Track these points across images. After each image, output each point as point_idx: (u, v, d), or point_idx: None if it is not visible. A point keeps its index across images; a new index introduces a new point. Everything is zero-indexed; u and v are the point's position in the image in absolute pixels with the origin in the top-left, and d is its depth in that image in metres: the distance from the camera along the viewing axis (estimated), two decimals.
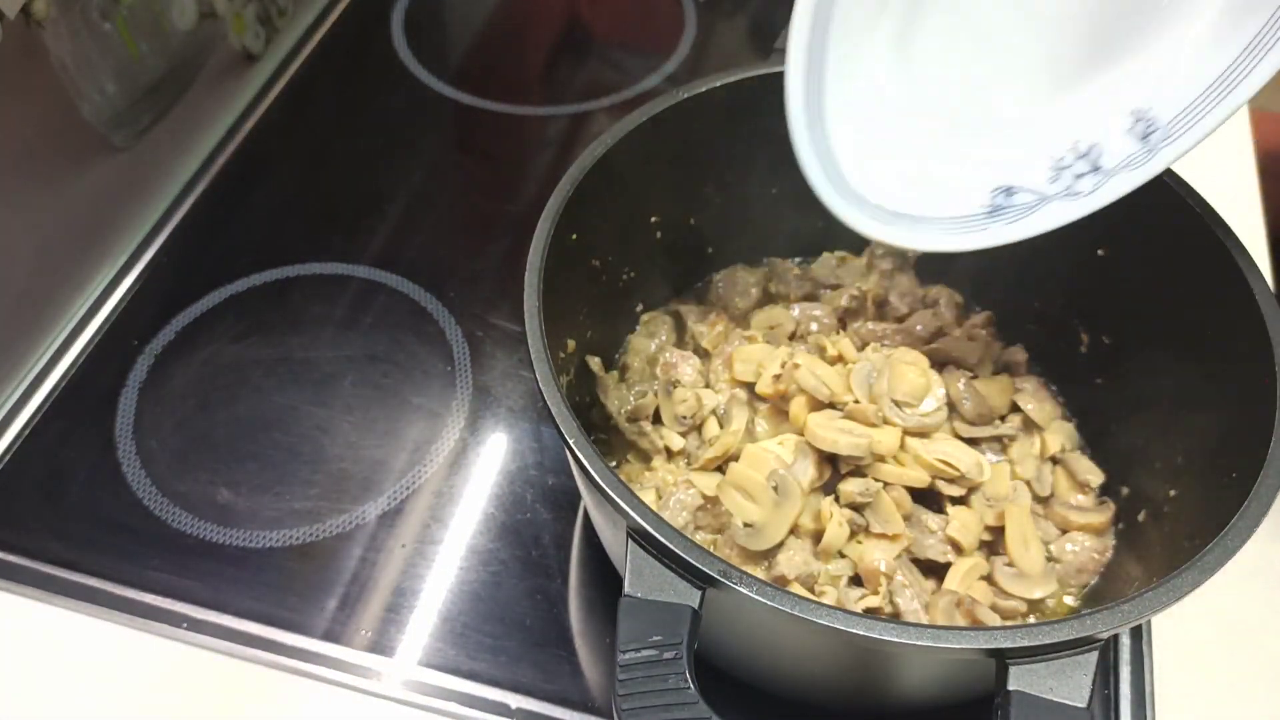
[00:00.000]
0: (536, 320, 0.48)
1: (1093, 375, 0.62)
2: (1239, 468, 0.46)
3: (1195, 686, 0.57)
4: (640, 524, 0.41)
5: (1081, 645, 0.39)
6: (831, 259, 0.68)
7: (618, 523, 0.43)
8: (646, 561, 0.41)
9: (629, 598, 0.41)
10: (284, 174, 0.84)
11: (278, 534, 0.62)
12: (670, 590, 0.41)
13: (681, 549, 0.40)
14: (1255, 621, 0.59)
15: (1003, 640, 0.39)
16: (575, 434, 0.44)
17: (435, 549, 0.62)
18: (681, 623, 0.40)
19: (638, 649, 0.39)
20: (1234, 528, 0.42)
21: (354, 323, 0.74)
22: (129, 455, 0.66)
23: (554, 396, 0.45)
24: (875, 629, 0.39)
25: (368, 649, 0.58)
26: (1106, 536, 0.57)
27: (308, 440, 0.67)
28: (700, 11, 0.98)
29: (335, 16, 0.97)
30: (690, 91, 0.58)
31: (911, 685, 0.50)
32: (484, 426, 0.68)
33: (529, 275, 0.49)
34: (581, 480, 0.46)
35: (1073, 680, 0.38)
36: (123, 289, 0.76)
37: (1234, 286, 0.50)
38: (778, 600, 0.39)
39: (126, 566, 0.61)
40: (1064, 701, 0.38)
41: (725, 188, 0.64)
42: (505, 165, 0.86)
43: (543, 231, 0.51)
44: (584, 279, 0.59)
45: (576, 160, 0.54)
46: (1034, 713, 0.38)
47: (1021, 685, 0.38)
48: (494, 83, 0.91)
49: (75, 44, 0.69)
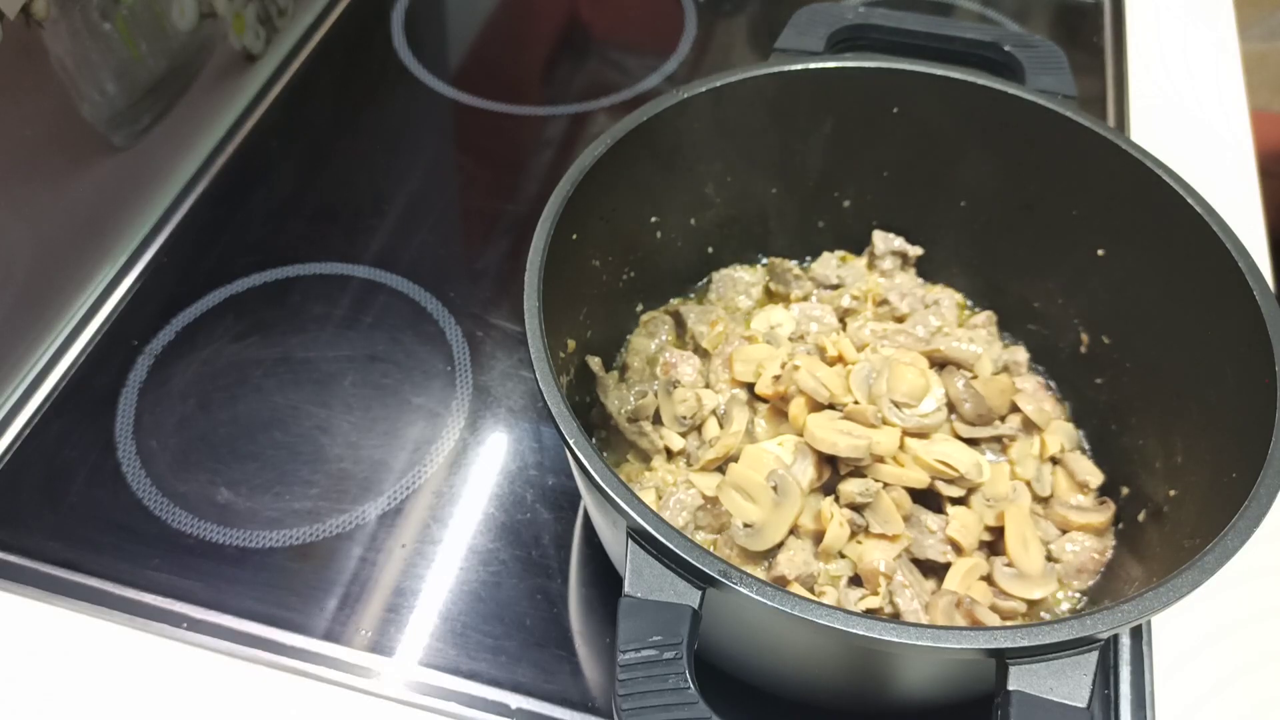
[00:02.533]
0: (536, 319, 0.48)
1: (1093, 375, 0.62)
2: (1239, 468, 0.46)
3: (1195, 686, 0.57)
4: (640, 524, 0.41)
5: (1081, 645, 0.39)
6: (832, 259, 0.68)
7: (617, 523, 0.43)
8: (646, 562, 0.41)
9: (629, 598, 0.41)
10: (284, 174, 0.84)
11: (278, 534, 0.62)
12: (670, 590, 0.41)
13: (681, 549, 0.40)
14: (1255, 621, 0.59)
15: (1003, 640, 0.39)
16: (576, 434, 0.44)
17: (435, 549, 0.62)
18: (681, 623, 0.40)
19: (638, 649, 0.39)
20: (1234, 528, 0.42)
21: (354, 323, 0.73)
22: (129, 455, 0.66)
23: (554, 396, 0.45)
24: (875, 629, 0.39)
25: (368, 649, 0.58)
26: (1106, 537, 0.57)
27: (308, 440, 0.67)
28: (700, 11, 0.98)
29: (335, 16, 0.97)
30: (690, 91, 0.58)
31: (911, 685, 0.50)
32: (484, 426, 0.68)
33: (529, 275, 0.49)
34: (582, 480, 0.47)
35: (1073, 680, 0.38)
36: (123, 289, 0.76)
37: (1233, 286, 0.50)
38: (778, 600, 0.39)
39: (126, 566, 0.61)
40: (1064, 701, 0.38)
41: (725, 187, 0.64)
42: (505, 165, 0.86)
43: (543, 231, 0.51)
44: (584, 279, 0.59)
45: (576, 160, 0.54)
46: (1034, 713, 0.38)
47: (1022, 685, 0.38)
48: (494, 83, 0.91)
49: (75, 44, 0.69)
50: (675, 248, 0.65)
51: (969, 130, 0.61)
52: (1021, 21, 0.97)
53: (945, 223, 0.66)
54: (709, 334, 0.64)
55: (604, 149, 0.54)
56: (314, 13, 0.96)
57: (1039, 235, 0.62)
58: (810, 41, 0.62)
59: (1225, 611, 0.59)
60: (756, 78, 0.59)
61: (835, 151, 0.64)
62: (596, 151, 0.54)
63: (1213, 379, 0.52)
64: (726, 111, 0.59)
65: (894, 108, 0.61)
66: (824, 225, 0.68)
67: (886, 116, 0.62)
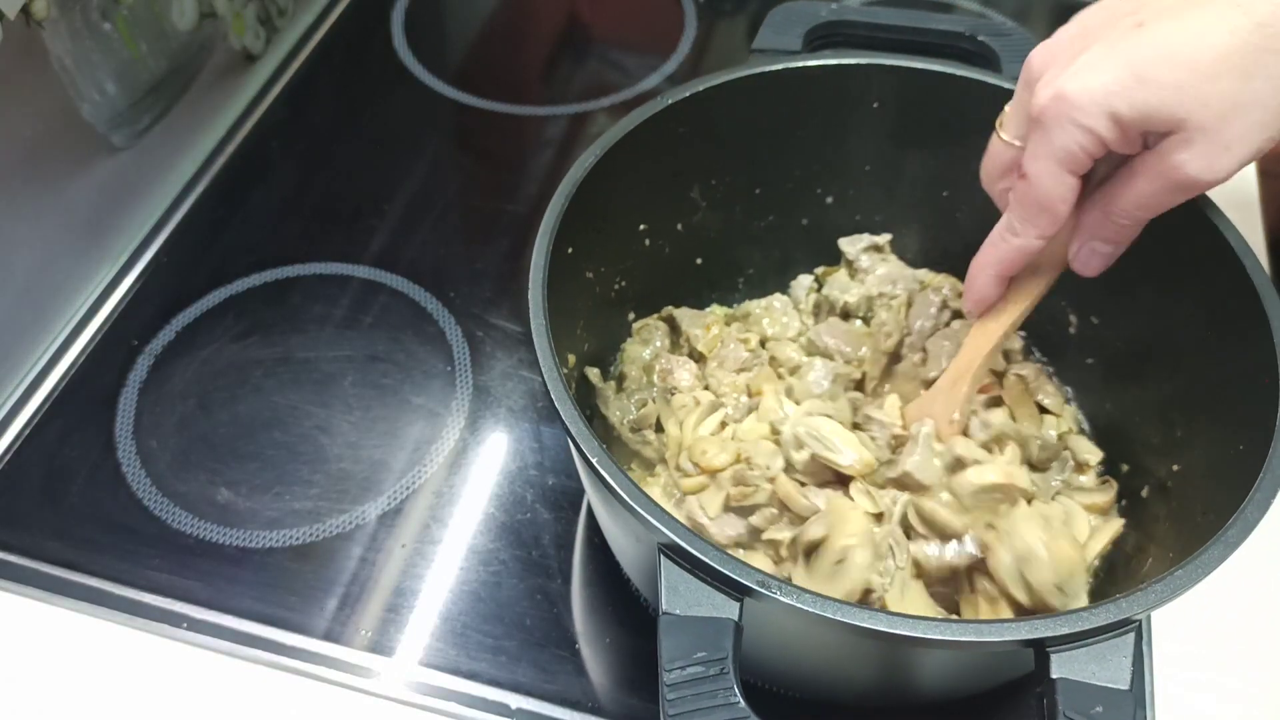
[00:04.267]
0: (545, 339, 0.47)
1: (1084, 356, 0.62)
2: (1244, 438, 0.46)
3: (1195, 685, 0.57)
4: (674, 540, 0.40)
5: (1118, 628, 0.39)
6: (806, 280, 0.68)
7: (642, 537, 0.42)
8: (681, 577, 0.41)
9: (668, 615, 0.40)
10: (284, 174, 0.84)
11: (278, 534, 0.62)
12: (708, 604, 0.40)
13: (718, 562, 0.40)
14: (1255, 620, 0.59)
15: (1043, 630, 0.39)
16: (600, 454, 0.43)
17: (435, 549, 0.62)
18: (724, 636, 0.39)
19: (683, 666, 0.38)
20: (1252, 500, 0.42)
21: (354, 323, 0.73)
22: (129, 455, 0.66)
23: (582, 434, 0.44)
24: (919, 628, 0.39)
25: (368, 649, 0.58)
26: (1111, 515, 0.57)
27: (308, 440, 0.67)
28: (700, 11, 0.98)
29: (335, 16, 0.97)
30: (674, 97, 0.58)
31: (938, 678, 0.51)
32: (484, 426, 0.68)
33: (532, 293, 0.49)
34: (607, 499, 0.45)
35: (1113, 663, 0.39)
36: (123, 289, 0.76)
37: (1219, 253, 0.51)
38: (819, 606, 0.39)
39: (126, 566, 0.61)
40: (1107, 685, 0.38)
41: (709, 190, 0.64)
42: (505, 165, 0.86)
43: (542, 246, 0.51)
44: (579, 292, 0.58)
45: (567, 174, 0.53)
46: (1080, 698, 0.38)
47: (1065, 672, 0.39)
48: (494, 83, 0.91)
49: (75, 44, 0.69)
50: (664, 255, 0.64)
51: (948, 120, 0.61)
52: (1021, 21, 0.96)
53: (928, 213, 0.66)
54: (704, 337, 0.63)
55: (594, 160, 0.54)
56: (314, 13, 0.96)
57: None
58: (787, 40, 0.62)
59: (1225, 611, 0.59)
60: (735, 80, 0.59)
61: (816, 149, 0.64)
62: (586, 163, 0.54)
63: (1205, 351, 0.52)
64: (708, 115, 0.59)
65: (874, 102, 0.62)
66: (808, 223, 0.68)
67: (867, 111, 0.62)
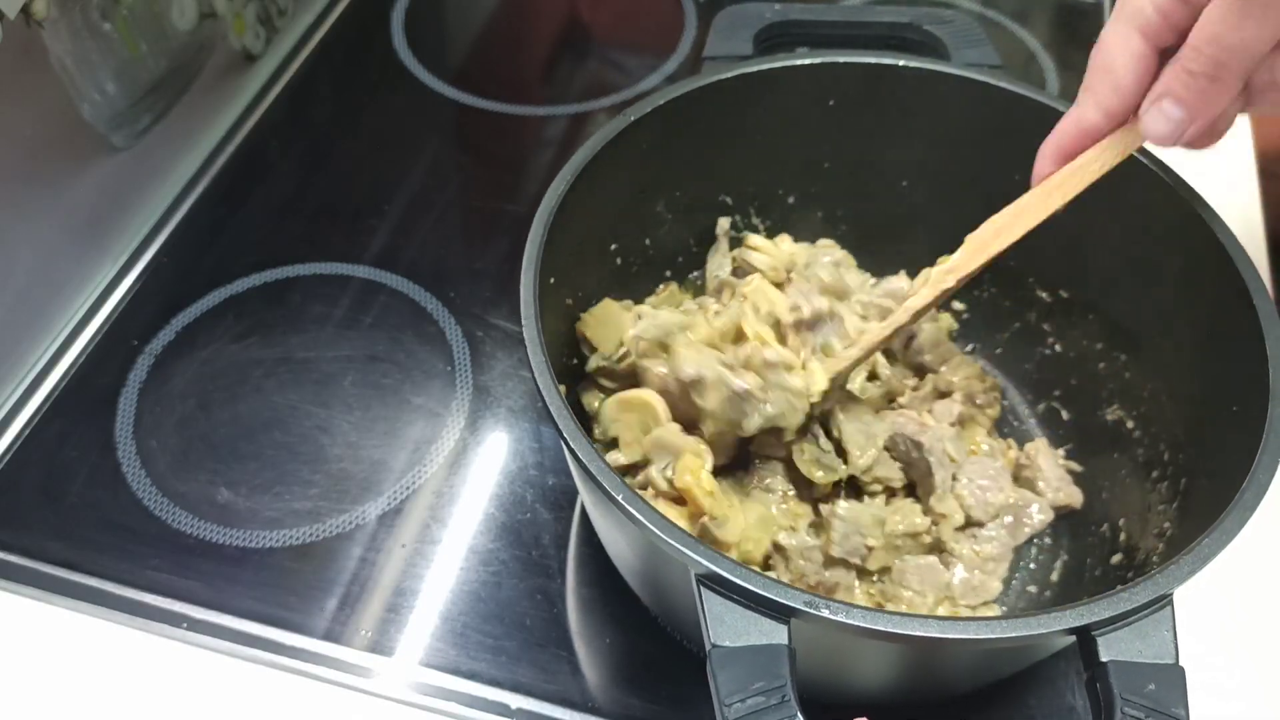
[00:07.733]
0: (548, 376, 0.47)
1: (1061, 330, 0.63)
2: (1239, 400, 0.46)
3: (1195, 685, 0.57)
4: (713, 569, 0.39)
5: (1157, 604, 0.40)
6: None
7: (675, 565, 0.41)
8: (726, 607, 0.39)
9: (720, 649, 0.39)
10: (284, 174, 0.84)
11: (278, 534, 0.62)
12: (756, 631, 0.39)
13: (760, 586, 0.39)
14: (1255, 620, 0.59)
15: (1087, 616, 0.39)
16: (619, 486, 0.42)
17: (435, 549, 0.62)
18: (779, 663, 0.38)
19: (743, 699, 0.37)
20: (1260, 463, 0.43)
21: (354, 323, 0.74)
22: (129, 455, 0.66)
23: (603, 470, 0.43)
24: (970, 629, 0.39)
25: (368, 649, 0.58)
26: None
27: (308, 440, 0.67)
28: (700, 11, 0.98)
29: (335, 16, 0.97)
30: (637, 113, 0.58)
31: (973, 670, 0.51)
32: (484, 426, 0.68)
33: (525, 320, 0.49)
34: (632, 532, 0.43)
35: (1157, 639, 0.39)
36: (123, 289, 0.76)
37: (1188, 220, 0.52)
38: (870, 620, 0.39)
39: (126, 566, 0.61)
40: (1156, 661, 0.39)
41: (673, 202, 0.64)
42: (505, 165, 0.86)
43: (528, 282, 0.50)
44: (559, 318, 0.58)
45: (542, 202, 0.53)
46: (1133, 679, 0.38)
47: (1114, 654, 0.39)
48: (494, 83, 0.91)
49: (75, 44, 0.69)
50: (631, 274, 0.64)
51: (902, 112, 0.61)
52: (1021, 22, 0.96)
53: (889, 205, 0.66)
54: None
55: (565, 186, 0.53)
56: (314, 13, 0.96)
57: (987, 206, 0.62)
58: (737, 45, 0.62)
59: (1225, 610, 0.59)
60: (691, 92, 0.59)
61: (775, 150, 0.64)
62: (560, 190, 0.53)
63: (1182, 315, 0.53)
64: (668, 129, 0.59)
65: (829, 100, 0.62)
66: (770, 225, 0.68)
67: (823, 109, 0.62)
